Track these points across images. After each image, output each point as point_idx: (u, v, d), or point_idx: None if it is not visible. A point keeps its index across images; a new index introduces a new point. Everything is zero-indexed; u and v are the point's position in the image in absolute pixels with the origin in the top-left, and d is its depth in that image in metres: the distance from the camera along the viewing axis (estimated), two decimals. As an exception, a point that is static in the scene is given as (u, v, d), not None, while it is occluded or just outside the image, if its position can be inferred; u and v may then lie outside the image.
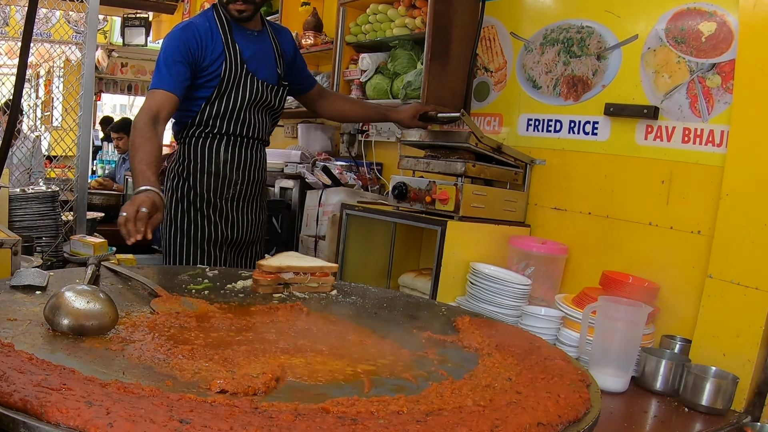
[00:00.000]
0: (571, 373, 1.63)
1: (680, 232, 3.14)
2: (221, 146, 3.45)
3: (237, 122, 3.44)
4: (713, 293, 2.87)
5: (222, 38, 3.34)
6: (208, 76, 3.33)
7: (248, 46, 3.44)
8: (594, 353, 2.71)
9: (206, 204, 3.45)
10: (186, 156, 3.46)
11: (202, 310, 2.02)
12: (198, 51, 3.27)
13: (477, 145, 3.48)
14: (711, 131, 3.05)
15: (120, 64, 13.09)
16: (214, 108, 3.38)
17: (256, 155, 3.59)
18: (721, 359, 2.78)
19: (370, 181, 4.83)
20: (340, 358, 1.68)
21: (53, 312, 1.66)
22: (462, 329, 2.06)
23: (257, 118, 3.52)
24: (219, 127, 3.41)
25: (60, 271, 2.41)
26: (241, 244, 3.62)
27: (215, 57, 3.31)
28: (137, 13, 9.36)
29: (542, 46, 3.79)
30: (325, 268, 2.46)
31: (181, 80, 3.23)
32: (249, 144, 3.53)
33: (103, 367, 1.43)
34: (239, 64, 3.37)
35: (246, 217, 3.60)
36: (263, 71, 3.49)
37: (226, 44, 3.34)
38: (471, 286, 3.28)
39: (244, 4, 3.28)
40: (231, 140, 3.46)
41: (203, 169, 3.43)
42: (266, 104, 3.53)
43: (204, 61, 3.30)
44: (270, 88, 3.51)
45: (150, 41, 9.91)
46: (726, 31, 3.00)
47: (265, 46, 3.55)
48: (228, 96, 3.37)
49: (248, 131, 3.49)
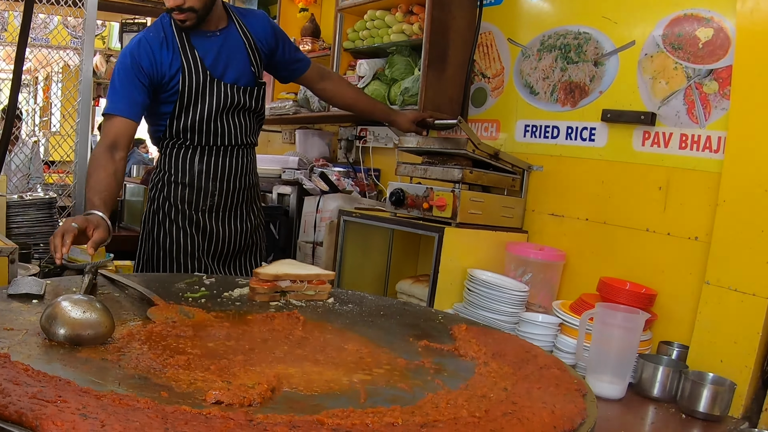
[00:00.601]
0: (567, 383, 1.63)
1: (677, 239, 3.15)
2: (195, 157, 3.26)
3: (209, 132, 3.23)
4: (710, 299, 2.87)
5: (179, 48, 3.12)
6: (170, 91, 3.13)
7: (211, 49, 3.19)
8: (591, 360, 2.70)
9: (181, 216, 3.30)
10: (162, 166, 3.32)
11: (199, 318, 2.02)
12: (152, 68, 3.07)
13: (474, 152, 3.48)
14: (708, 137, 3.06)
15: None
16: (181, 122, 3.18)
17: (239, 162, 3.36)
18: (719, 365, 2.78)
19: (367, 187, 4.83)
20: (336, 368, 1.68)
21: (50, 322, 1.66)
22: (459, 338, 2.06)
23: (234, 124, 3.28)
24: (191, 138, 3.22)
25: (57, 279, 2.40)
26: (225, 255, 3.43)
27: (174, 71, 3.11)
28: (135, 19, 9.34)
29: (539, 52, 3.80)
30: (322, 275, 2.46)
31: (136, 103, 3.07)
32: (228, 152, 3.31)
33: (99, 378, 1.42)
34: (201, 73, 3.14)
35: (228, 227, 3.39)
36: (232, 74, 3.24)
37: (183, 54, 3.12)
38: (468, 292, 3.29)
39: (181, 13, 3.01)
40: (206, 150, 3.26)
41: (177, 180, 3.27)
42: (242, 107, 3.28)
43: (163, 78, 3.10)
44: (243, 90, 3.25)
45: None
46: (723, 37, 3.01)
47: (233, 45, 3.27)
48: (194, 107, 3.16)
49: (225, 139, 3.27)
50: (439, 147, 3.64)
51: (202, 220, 3.31)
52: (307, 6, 5.61)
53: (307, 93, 5.11)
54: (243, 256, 3.51)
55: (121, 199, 6.80)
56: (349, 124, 5.21)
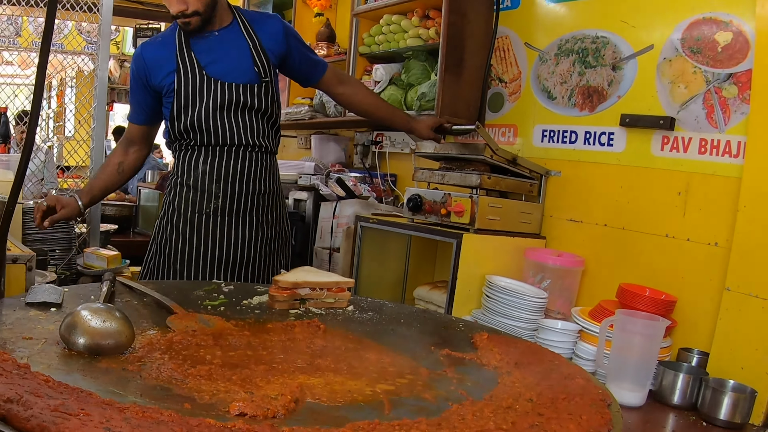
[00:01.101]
0: (592, 393, 1.61)
1: (697, 244, 3.12)
2: (200, 158, 3.24)
3: (210, 132, 3.20)
4: (731, 306, 2.85)
5: (176, 49, 3.19)
6: (167, 88, 3.20)
7: (208, 48, 3.22)
8: (611, 367, 2.69)
9: (182, 220, 3.28)
10: (173, 170, 3.38)
11: (219, 327, 2.01)
12: (148, 74, 3.21)
13: (492, 158, 3.47)
14: (728, 142, 3.03)
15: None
16: (181, 122, 3.19)
17: (246, 164, 3.28)
18: (739, 372, 2.76)
19: (384, 192, 4.82)
20: (358, 378, 1.67)
21: (69, 331, 1.65)
22: (480, 346, 2.04)
23: (237, 122, 3.23)
24: (194, 139, 3.22)
25: (75, 287, 2.40)
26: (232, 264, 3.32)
27: (167, 69, 3.18)
28: (149, 24, 9.37)
29: (557, 57, 3.78)
30: (342, 283, 2.45)
31: (143, 109, 3.33)
32: (234, 153, 3.25)
33: (120, 389, 1.41)
34: (196, 72, 3.16)
35: (235, 234, 3.29)
36: (231, 72, 3.22)
37: (180, 54, 3.17)
38: (487, 299, 3.27)
39: (186, 18, 3.08)
40: (210, 150, 3.23)
41: (183, 183, 3.27)
42: (244, 106, 3.23)
43: (160, 80, 3.20)
44: (243, 88, 3.21)
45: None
46: (742, 41, 2.98)
47: (233, 43, 3.27)
48: (192, 107, 3.17)
49: (228, 138, 3.21)
50: (456, 153, 3.63)
51: (205, 224, 3.26)
52: (322, 11, 5.60)
53: (323, 98, 5.10)
54: (253, 268, 3.40)
55: (136, 205, 6.81)
56: (365, 129, 5.20)
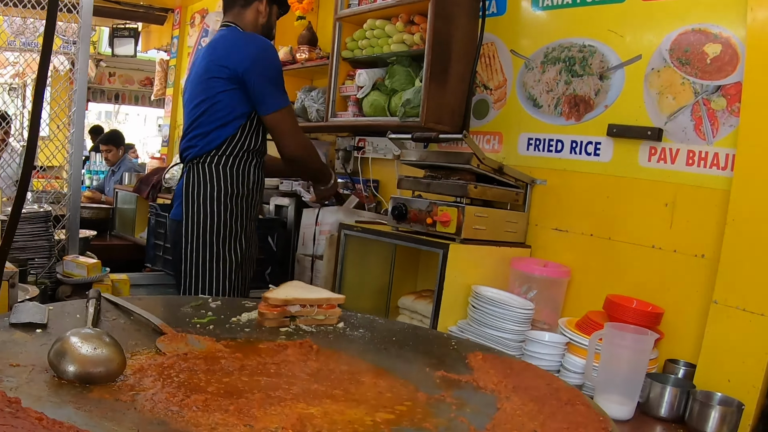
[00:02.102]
0: (594, 421, 1.59)
1: (684, 256, 3.13)
2: (250, 167, 3.52)
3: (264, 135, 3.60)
4: (718, 319, 2.86)
5: None
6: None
7: None
8: (600, 380, 2.69)
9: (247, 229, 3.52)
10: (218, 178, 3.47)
11: (210, 349, 1.97)
12: None
13: (479, 166, 3.45)
14: (716, 154, 3.03)
15: (108, 73, 13.09)
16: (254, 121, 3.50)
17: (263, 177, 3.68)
18: (726, 385, 2.77)
19: (366, 198, 4.79)
20: (357, 406, 1.64)
21: (58, 359, 1.60)
22: (475, 367, 2.02)
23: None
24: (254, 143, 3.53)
25: (59, 305, 2.34)
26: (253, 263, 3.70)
27: None
28: (126, 24, 9.33)
29: (543, 65, 3.77)
30: (332, 299, 2.42)
31: None
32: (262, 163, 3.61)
33: (116, 424, 1.36)
34: None
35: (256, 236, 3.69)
36: None
37: None
38: (473, 309, 3.26)
39: None
40: (257, 160, 3.56)
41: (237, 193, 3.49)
42: None
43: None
44: None
45: (139, 51, 9.89)
46: (731, 53, 2.98)
47: None
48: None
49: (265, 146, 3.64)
50: (443, 161, 3.62)
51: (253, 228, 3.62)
52: (304, 14, 5.57)
53: (304, 102, 5.06)
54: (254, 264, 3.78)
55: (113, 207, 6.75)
56: (346, 134, 5.17)
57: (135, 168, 8.22)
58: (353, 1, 4.64)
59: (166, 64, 8.79)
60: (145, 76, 13.20)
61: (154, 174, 6.50)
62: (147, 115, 21.10)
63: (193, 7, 8.24)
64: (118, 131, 8.97)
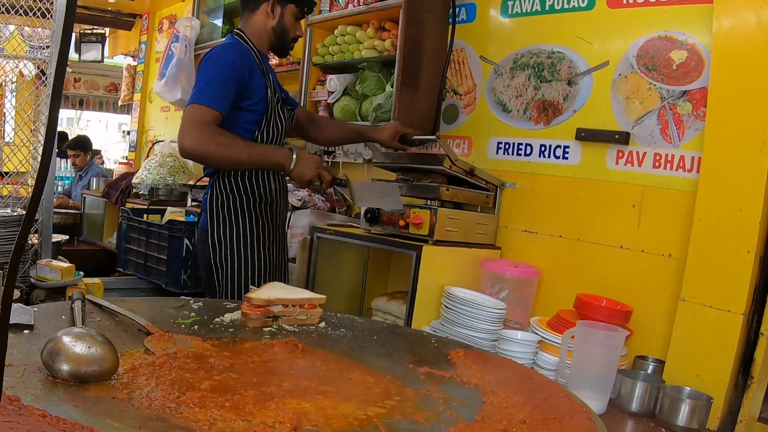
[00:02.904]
0: (578, 411, 1.65)
1: (651, 255, 3.21)
2: (271, 175, 3.50)
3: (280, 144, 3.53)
4: (686, 315, 2.94)
5: (259, 66, 3.40)
6: (255, 100, 3.35)
7: (272, 73, 3.53)
8: (573, 377, 2.74)
9: (266, 231, 3.51)
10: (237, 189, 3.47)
11: (198, 348, 2.00)
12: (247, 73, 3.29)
13: (451, 168, 3.51)
14: (682, 157, 3.12)
15: (73, 79, 12.96)
16: (264, 135, 3.42)
17: (286, 183, 3.69)
18: (695, 380, 2.85)
19: (337, 202, 4.83)
20: (348, 401, 1.68)
21: (52, 358, 1.60)
22: (458, 363, 2.07)
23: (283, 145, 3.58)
24: None
25: (44, 306, 2.35)
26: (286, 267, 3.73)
27: (258, 82, 3.35)
28: (94, 29, 9.27)
29: (512, 71, 3.85)
30: (314, 299, 2.46)
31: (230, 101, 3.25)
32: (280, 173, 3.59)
33: (117, 421, 1.39)
34: (274, 90, 3.45)
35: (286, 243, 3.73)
36: (286, 102, 3.64)
37: (263, 71, 3.41)
38: (446, 310, 3.31)
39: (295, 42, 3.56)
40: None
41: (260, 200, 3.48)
42: (288, 129, 3.63)
43: (252, 88, 3.33)
44: (290, 114, 3.62)
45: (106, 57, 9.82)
46: (697, 59, 3.08)
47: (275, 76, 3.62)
48: (274, 121, 3.45)
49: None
50: (416, 163, 3.67)
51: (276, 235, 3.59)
52: (274, 20, 5.60)
53: (275, 107, 5.09)
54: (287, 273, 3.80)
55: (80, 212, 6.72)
56: (317, 139, 5.21)
57: (103, 173, 8.18)
58: (324, 8, 4.70)
59: (134, 70, 8.76)
60: (111, 81, 13.09)
61: (122, 179, 6.50)
62: (109, 122, 20.93)
63: (161, 12, 8.24)
64: (86, 136, 8.90)
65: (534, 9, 3.78)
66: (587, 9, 3.52)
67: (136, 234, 5.08)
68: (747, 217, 2.79)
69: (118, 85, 9.86)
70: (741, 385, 2.87)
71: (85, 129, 19.12)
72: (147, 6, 8.35)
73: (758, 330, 2.84)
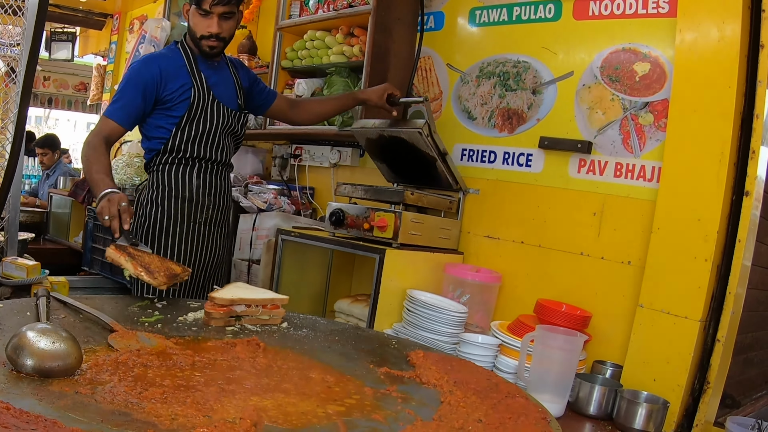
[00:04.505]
0: (533, 411, 1.69)
1: (611, 263, 3.26)
2: (193, 172, 3.49)
3: (207, 146, 3.48)
4: (644, 321, 3.00)
5: (188, 68, 3.42)
6: (176, 101, 3.38)
7: (212, 74, 3.50)
8: (532, 380, 2.78)
9: (179, 226, 3.48)
10: (158, 183, 3.49)
11: (161, 346, 2.02)
12: (159, 82, 3.34)
13: (427, 138, 3.60)
14: (642, 167, 3.18)
15: (42, 77, 12.82)
16: (185, 133, 3.41)
17: (223, 182, 3.64)
18: (652, 384, 2.91)
19: (302, 205, 4.85)
20: (308, 399, 1.70)
21: (17, 353, 1.61)
22: (417, 364, 2.10)
23: (225, 144, 3.57)
24: (190, 151, 3.45)
25: (8, 302, 2.36)
26: (211, 265, 3.64)
27: (182, 84, 3.38)
28: (65, 28, 9.20)
29: (478, 79, 3.89)
30: (277, 300, 2.48)
31: (134, 113, 3.36)
32: (217, 170, 3.58)
33: (80, 415, 1.41)
34: (206, 91, 3.42)
35: (215, 241, 3.62)
36: (226, 98, 3.54)
37: (191, 73, 3.41)
38: (408, 313, 3.34)
39: (216, 41, 3.36)
40: (201, 166, 3.51)
41: (177, 195, 3.47)
42: (231, 130, 3.58)
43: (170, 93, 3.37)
44: (234, 114, 3.56)
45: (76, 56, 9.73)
46: (659, 72, 3.14)
47: (226, 76, 3.61)
48: (198, 121, 3.42)
49: (218, 156, 3.54)
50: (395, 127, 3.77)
51: (195, 232, 3.53)
52: (245, 23, 5.60)
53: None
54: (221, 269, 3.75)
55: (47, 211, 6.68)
56: (284, 141, 5.22)
57: (70, 172, 8.12)
58: (294, 12, 4.72)
59: (103, 70, 8.70)
60: (80, 80, 12.96)
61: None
62: (77, 121, 20.74)
63: (133, 13, 8.20)
64: (54, 135, 8.82)
65: (501, 19, 3.83)
66: (553, 20, 3.57)
67: (102, 233, 5.07)
68: (705, 226, 2.85)
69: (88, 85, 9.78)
70: (697, 390, 2.92)
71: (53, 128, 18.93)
72: (119, 6, 8.30)
73: (714, 336, 2.89)
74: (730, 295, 2.87)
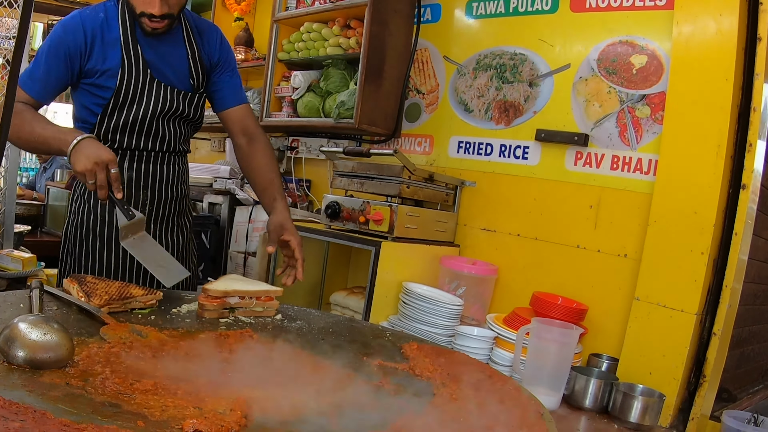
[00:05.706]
0: (526, 404, 1.68)
1: (607, 255, 3.26)
2: (124, 162, 2.86)
3: (142, 135, 2.86)
4: (640, 314, 2.99)
5: (120, 35, 2.73)
6: (101, 81, 2.74)
7: (153, 48, 2.80)
8: (527, 373, 2.78)
9: (107, 229, 2.92)
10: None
11: (153, 338, 2.00)
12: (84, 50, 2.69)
13: (410, 178, 3.55)
14: (639, 159, 3.17)
15: (36, 69, 12.79)
16: (113, 120, 2.79)
17: (170, 169, 3.03)
18: (648, 377, 2.91)
19: (299, 198, 4.84)
20: (300, 390, 1.69)
21: (8, 344, 1.60)
22: (411, 356, 2.08)
23: (170, 130, 2.94)
24: (120, 141, 2.83)
25: (1, 294, 2.34)
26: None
27: (108, 59, 2.72)
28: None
29: (475, 71, 3.88)
30: (271, 292, 2.47)
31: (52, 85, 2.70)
32: (159, 158, 2.97)
33: (71, 407, 1.39)
34: (140, 69, 2.76)
35: (160, 239, 3.02)
36: (171, 77, 2.87)
37: (125, 45, 2.72)
38: (404, 305, 3.33)
39: (161, 21, 2.67)
40: (136, 155, 2.89)
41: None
42: (178, 114, 2.92)
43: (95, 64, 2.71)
44: (182, 95, 2.89)
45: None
46: (656, 65, 3.13)
47: (175, 49, 2.89)
48: (129, 106, 2.78)
49: (158, 145, 2.92)
50: (375, 173, 3.65)
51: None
52: (242, 15, 5.60)
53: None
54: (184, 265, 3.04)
55: (44, 204, 6.67)
56: (280, 134, 5.21)
57: (67, 165, 8.10)
58: (291, 4, 4.71)
59: (101, 62, 8.68)
60: (77, 73, 12.94)
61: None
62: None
63: (129, 4, 8.17)
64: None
65: (498, 11, 3.82)
66: (550, 12, 3.56)
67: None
68: (701, 219, 2.85)
69: (83, 77, 9.70)
70: (693, 383, 2.92)
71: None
72: (115, -2, 8.27)
73: (710, 330, 2.90)
74: (726, 288, 2.87)
